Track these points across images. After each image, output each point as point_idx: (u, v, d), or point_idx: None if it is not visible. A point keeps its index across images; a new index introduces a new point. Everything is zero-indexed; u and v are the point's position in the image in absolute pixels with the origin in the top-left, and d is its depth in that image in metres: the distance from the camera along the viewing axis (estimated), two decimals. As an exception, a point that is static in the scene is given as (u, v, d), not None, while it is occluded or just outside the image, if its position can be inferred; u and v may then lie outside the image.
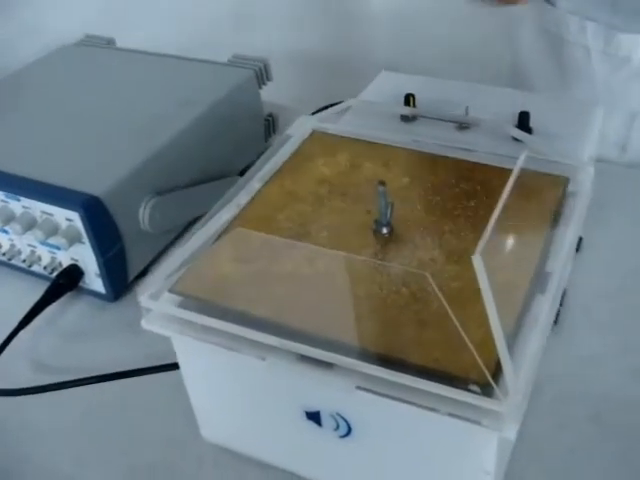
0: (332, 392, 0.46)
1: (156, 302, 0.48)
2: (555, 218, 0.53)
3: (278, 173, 0.58)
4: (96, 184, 0.65)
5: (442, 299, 0.42)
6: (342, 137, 0.62)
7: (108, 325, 0.68)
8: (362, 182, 0.56)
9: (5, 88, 0.83)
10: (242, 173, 0.82)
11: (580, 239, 0.71)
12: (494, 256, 0.46)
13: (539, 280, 0.48)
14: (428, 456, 0.47)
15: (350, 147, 0.60)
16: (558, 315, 0.64)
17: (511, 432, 0.41)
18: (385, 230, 0.51)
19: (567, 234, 0.51)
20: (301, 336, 0.45)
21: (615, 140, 0.83)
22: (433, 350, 0.43)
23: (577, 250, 0.70)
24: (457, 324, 0.42)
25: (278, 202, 0.55)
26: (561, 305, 0.64)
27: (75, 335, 0.68)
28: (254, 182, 0.56)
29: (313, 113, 0.90)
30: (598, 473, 0.54)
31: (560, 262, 0.49)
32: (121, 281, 0.69)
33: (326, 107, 0.89)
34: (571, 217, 0.53)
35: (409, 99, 0.65)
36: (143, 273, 0.71)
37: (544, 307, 0.46)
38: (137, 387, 0.61)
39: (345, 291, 0.47)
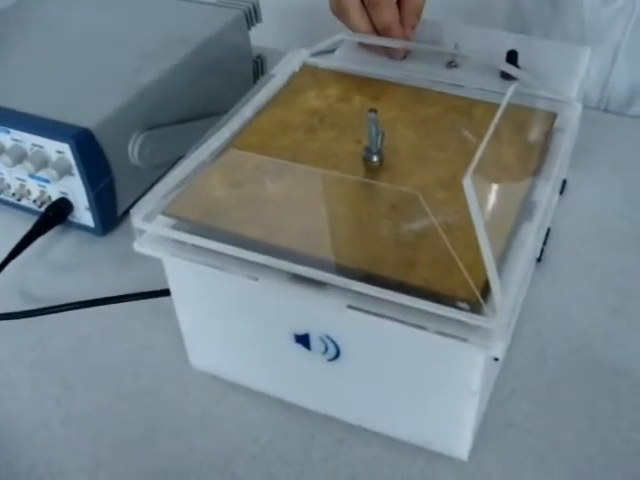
0: (322, 313, 0.47)
1: (149, 224, 0.49)
2: (542, 152, 0.54)
3: (269, 104, 0.58)
4: (87, 117, 0.65)
5: (433, 219, 0.43)
6: (332, 71, 0.62)
7: (97, 258, 0.69)
8: (353, 114, 0.57)
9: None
10: (230, 113, 0.82)
11: (564, 182, 0.72)
12: (483, 182, 0.47)
13: (526, 208, 0.49)
14: (415, 377, 0.48)
15: (340, 81, 0.61)
16: (542, 253, 0.65)
17: (498, 350, 0.43)
18: (375, 158, 0.52)
19: (553, 168, 0.52)
20: (293, 256, 0.45)
21: (597, 77, 0.84)
22: (423, 270, 0.44)
23: (561, 193, 0.72)
24: (447, 244, 0.43)
25: (269, 131, 0.55)
26: (545, 244, 0.65)
27: (64, 267, 0.68)
28: (245, 111, 0.57)
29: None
30: (580, 403, 0.55)
31: (546, 193, 0.50)
32: (110, 215, 0.69)
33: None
34: (558, 152, 0.54)
35: (399, 37, 0.65)
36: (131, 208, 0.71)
37: (531, 233, 0.47)
38: (126, 316, 0.62)
39: (336, 211, 0.48)
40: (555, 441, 0.53)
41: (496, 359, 0.51)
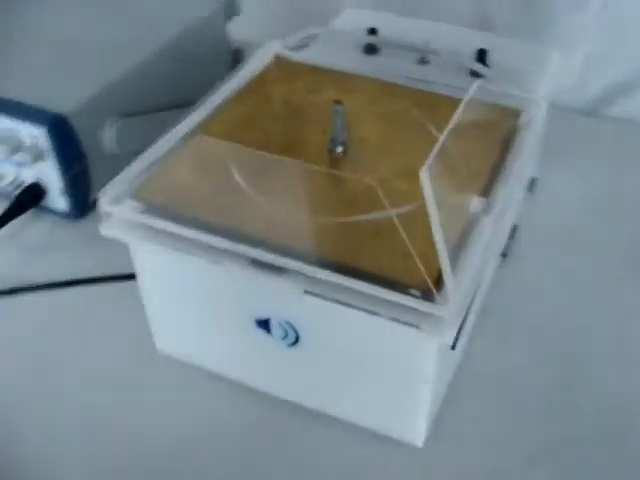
0: (282, 298, 0.48)
1: (116, 207, 0.50)
2: (505, 148, 0.55)
3: (240, 94, 0.59)
4: (62, 103, 0.66)
5: (389, 208, 0.44)
6: (304, 64, 0.63)
7: (69, 243, 0.69)
8: (321, 106, 0.57)
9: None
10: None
11: (534, 180, 0.74)
12: (442, 175, 0.48)
13: (485, 203, 0.50)
14: (371, 364, 0.49)
15: (312, 74, 0.62)
16: (508, 248, 0.66)
17: (449, 337, 0.44)
18: (340, 149, 0.53)
19: (515, 164, 0.53)
20: (254, 241, 0.46)
21: (572, 80, 0.86)
22: (378, 258, 0.45)
23: (530, 190, 0.73)
24: (402, 233, 0.44)
25: (238, 120, 0.56)
26: (511, 239, 0.67)
27: (36, 251, 0.69)
28: (215, 100, 0.58)
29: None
30: (536, 394, 0.57)
31: (506, 188, 0.51)
32: (83, 200, 0.70)
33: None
34: (521, 148, 0.55)
35: (371, 33, 0.66)
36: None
37: (487, 226, 0.48)
38: (97, 299, 0.64)
39: (297, 199, 0.49)
40: (509, 428, 0.54)
41: (453, 347, 0.52)
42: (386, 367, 0.49)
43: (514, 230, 0.68)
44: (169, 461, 0.53)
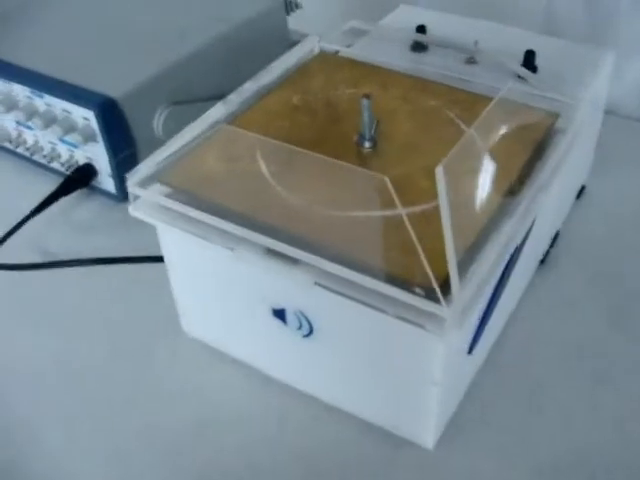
0: (295, 289, 0.48)
1: (143, 190, 0.51)
2: (538, 152, 0.53)
3: (278, 85, 0.60)
4: (114, 86, 0.68)
5: (398, 204, 0.44)
6: (345, 59, 0.64)
7: (115, 223, 0.71)
8: (355, 100, 0.57)
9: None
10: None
11: (583, 187, 0.72)
12: (463, 174, 0.48)
13: (509, 206, 0.49)
14: (382, 361, 0.49)
15: (351, 69, 0.62)
16: (547, 255, 0.65)
17: (454, 339, 0.43)
18: (368, 144, 0.53)
19: (545, 167, 0.52)
20: (271, 231, 0.47)
21: (633, 86, 0.83)
22: (388, 254, 0.45)
23: (578, 197, 0.71)
24: (411, 231, 0.43)
25: (273, 111, 0.57)
26: (552, 246, 0.65)
27: (84, 229, 0.72)
28: (249, 90, 0.59)
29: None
30: (561, 408, 0.55)
31: (533, 191, 0.50)
32: (131, 183, 0.72)
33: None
34: (554, 152, 0.53)
35: (420, 30, 0.66)
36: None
37: (506, 229, 0.47)
38: (132, 279, 0.65)
39: (316, 191, 0.49)
40: (525, 441, 0.53)
41: (469, 352, 0.52)
42: (396, 366, 0.49)
43: (556, 237, 0.66)
44: (183, 442, 0.54)
